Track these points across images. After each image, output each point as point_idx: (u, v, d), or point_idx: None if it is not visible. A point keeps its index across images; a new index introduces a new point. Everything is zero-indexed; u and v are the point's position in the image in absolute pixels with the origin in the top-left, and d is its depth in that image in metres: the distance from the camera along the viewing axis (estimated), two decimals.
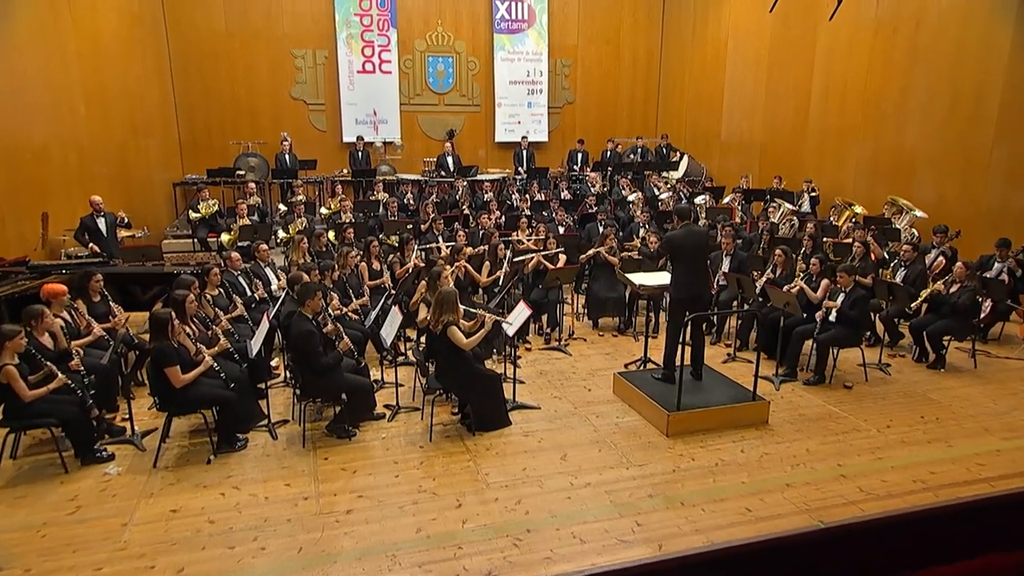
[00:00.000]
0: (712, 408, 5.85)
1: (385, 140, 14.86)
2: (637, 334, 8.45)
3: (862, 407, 6.35)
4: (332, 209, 11.39)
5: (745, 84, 14.69)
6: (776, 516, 4.55)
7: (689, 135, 16.35)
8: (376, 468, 5.17)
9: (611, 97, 16.94)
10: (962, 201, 10.51)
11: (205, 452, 5.39)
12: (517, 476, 5.05)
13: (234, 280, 7.31)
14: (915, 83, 11.18)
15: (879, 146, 11.92)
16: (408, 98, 15.25)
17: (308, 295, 5.43)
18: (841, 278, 6.91)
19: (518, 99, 15.99)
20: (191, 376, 5.17)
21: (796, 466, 5.24)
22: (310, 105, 14.61)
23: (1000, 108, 9.95)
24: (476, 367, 5.75)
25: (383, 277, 8.06)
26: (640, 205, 12.15)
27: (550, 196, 12.74)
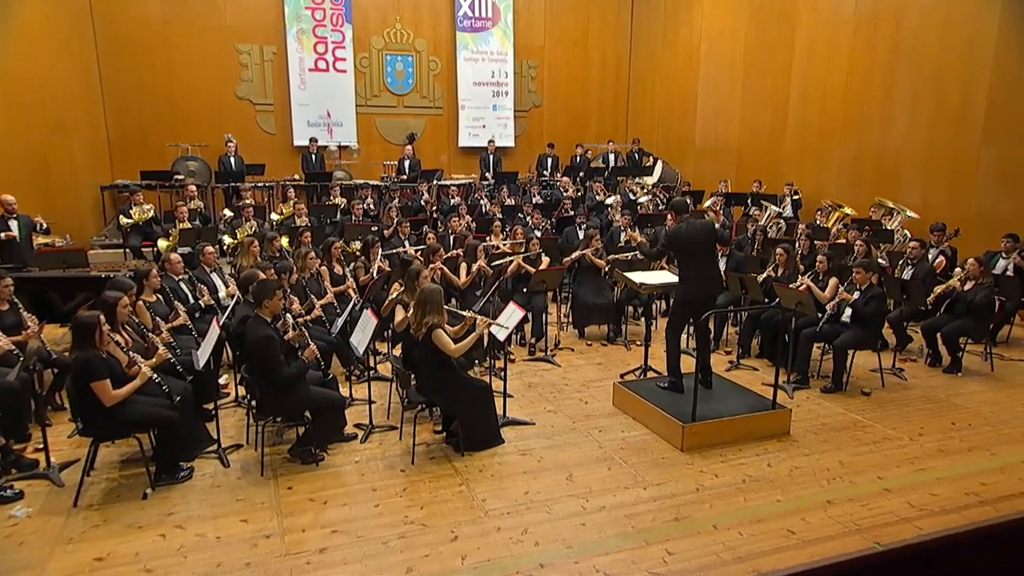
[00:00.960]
0: (729, 418, 5.39)
1: (340, 144, 14.21)
2: (629, 342, 7.99)
3: (887, 414, 6.00)
4: (285, 214, 10.70)
5: (720, 87, 14.60)
6: (824, 538, 4.08)
7: (662, 140, 16.18)
8: (352, 497, 4.51)
9: (579, 101, 16.68)
10: (950, 204, 10.44)
11: (140, 485, 4.64)
12: (519, 501, 4.47)
13: (175, 286, 6.58)
14: (898, 83, 11.16)
15: (862, 148, 11.87)
16: (365, 99, 14.64)
17: (266, 294, 4.77)
18: (858, 274, 6.59)
19: (482, 101, 15.56)
20: (125, 392, 4.43)
21: (832, 480, 4.81)
22: (257, 105, 13.86)
23: (987, 106, 9.95)
24: (464, 377, 5.16)
25: (347, 282, 7.41)
26: (619, 208, 11.82)
27: (521, 201, 12.32)
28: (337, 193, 11.55)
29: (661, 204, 12.60)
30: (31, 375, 5.24)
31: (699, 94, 15.14)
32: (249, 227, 9.67)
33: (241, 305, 5.44)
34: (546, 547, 3.96)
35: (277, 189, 12.44)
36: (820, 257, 7.19)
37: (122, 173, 12.45)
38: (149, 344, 5.17)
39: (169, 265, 6.64)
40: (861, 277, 6.60)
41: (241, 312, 5.30)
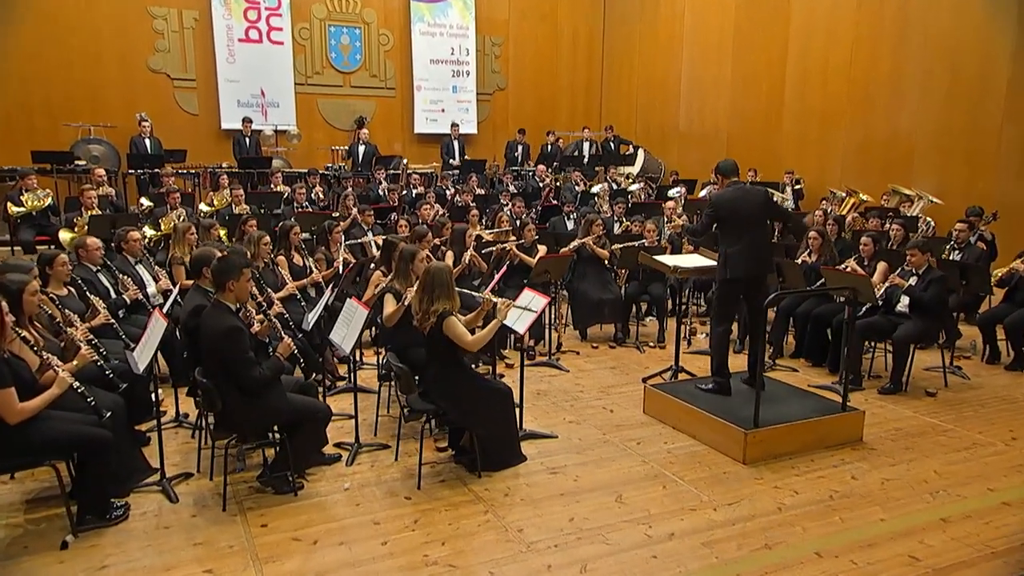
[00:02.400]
0: (796, 423, 4.91)
1: (277, 128, 13.39)
2: (641, 344, 7.48)
3: (964, 417, 5.67)
4: (217, 204, 9.88)
5: (707, 67, 14.43)
6: (958, 565, 3.61)
7: (641, 126, 15.93)
8: (349, 534, 3.82)
9: (548, 83, 16.33)
10: (969, 190, 10.34)
11: (57, 531, 3.85)
12: (565, 530, 3.87)
13: (91, 277, 5.74)
14: (908, 58, 11.11)
15: (869, 132, 11.80)
16: (305, 77, 13.91)
17: (230, 274, 4.05)
18: (913, 256, 6.26)
19: (441, 82, 15.01)
20: (36, 404, 3.64)
21: (935, 494, 4.38)
22: (176, 81, 12.93)
23: (1009, 81, 9.93)
24: (482, 379, 4.54)
25: (312, 274, 6.70)
26: (606, 197, 11.42)
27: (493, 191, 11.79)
28: (279, 180, 10.78)
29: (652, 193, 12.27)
30: None
31: (683, 75, 14.97)
32: (175, 216, 8.81)
33: (193, 292, 4.68)
34: None
35: (204, 176, 11.56)
36: (865, 239, 6.86)
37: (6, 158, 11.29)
38: (67, 342, 4.37)
39: (85, 252, 5.79)
40: (918, 259, 6.27)
41: (193, 301, 4.54)
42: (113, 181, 10.65)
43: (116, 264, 6.14)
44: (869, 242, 6.81)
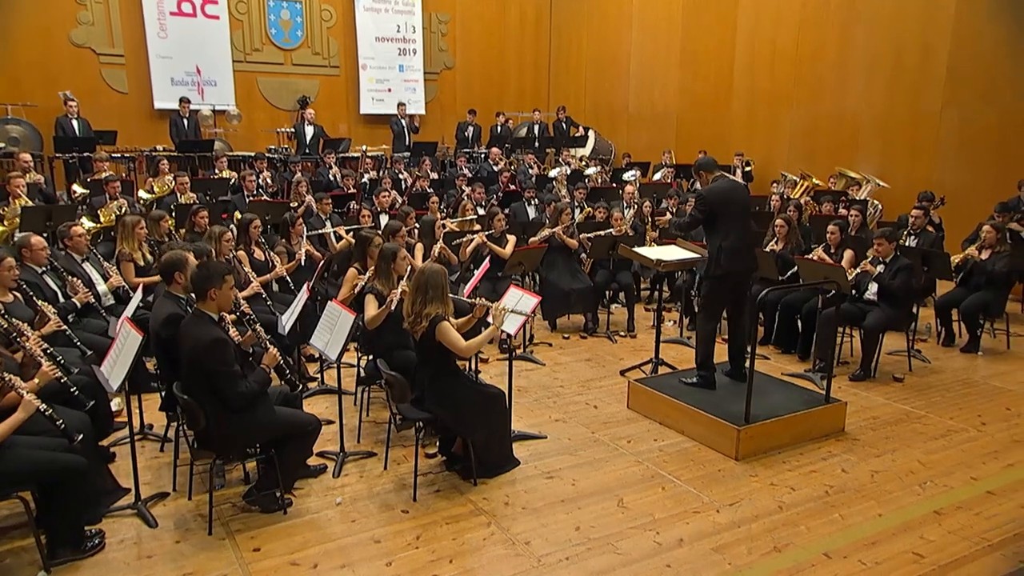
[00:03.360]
0: (785, 417, 4.95)
1: (215, 108, 12.77)
2: (612, 334, 7.45)
3: (933, 403, 5.84)
4: (161, 190, 9.36)
5: (656, 47, 14.42)
6: (961, 561, 3.69)
7: (590, 107, 15.85)
8: (350, 554, 3.65)
9: (496, 62, 16.05)
10: (910, 172, 10.69)
11: (27, 566, 3.58)
12: (573, 540, 3.79)
13: (36, 280, 5.31)
14: (854, 42, 11.30)
15: (815, 115, 12.00)
16: (244, 54, 13.26)
17: (212, 282, 3.78)
18: (880, 245, 6.36)
19: (387, 61, 14.58)
20: (3, 430, 3.34)
21: (924, 485, 4.48)
22: (102, 56, 12.10)
23: (949, 66, 10.20)
24: (475, 384, 4.40)
25: (275, 269, 6.41)
26: (564, 182, 11.34)
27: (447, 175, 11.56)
28: (224, 165, 10.29)
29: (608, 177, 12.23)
30: None
31: (632, 55, 14.92)
32: (116, 207, 8.30)
33: (163, 299, 4.37)
34: None
35: (141, 160, 10.95)
36: (831, 228, 6.94)
37: None
38: (25, 358, 4.03)
39: (29, 252, 5.34)
40: (885, 248, 6.38)
41: (165, 309, 4.23)
42: (40, 166, 9.97)
43: (62, 263, 5.73)
44: (836, 230, 6.90)
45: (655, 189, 11.03)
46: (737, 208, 5.30)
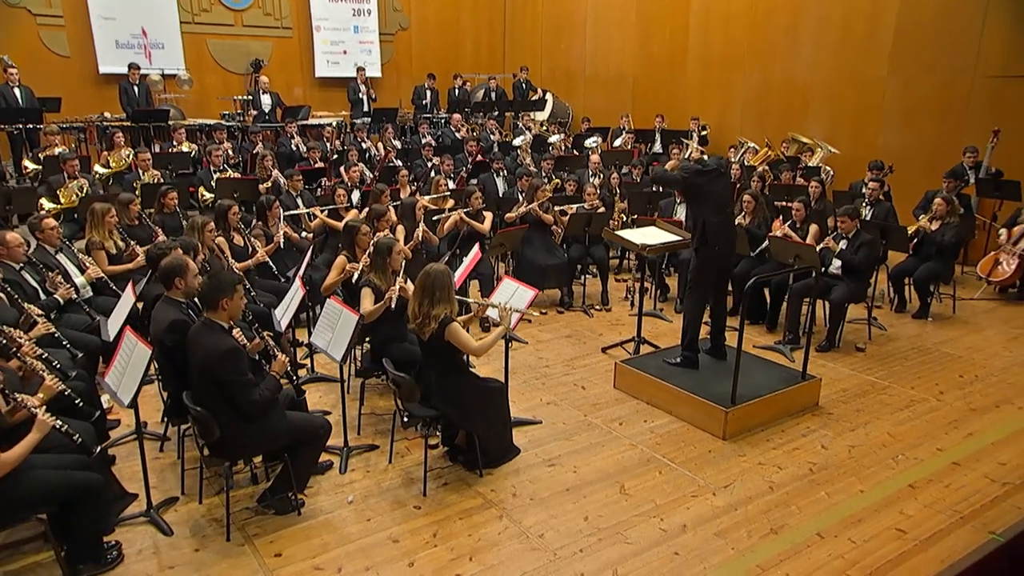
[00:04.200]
0: (768, 397, 5.14)
1: (164, 72, 12.19)
2: (588, 307, 7.55)
3: (894, 372, 6.14)
4: (117, 165, 8.98)
5: (612, 10, 14.27)
6: (939, 534, 3.94)
7: (547, 70, 15.68)
8: (371, 556, 3.69)
9: (452, 23, 15.70)
10: (856, 137, 10.96)
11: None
12: (584, 531, 3.91)
13: (16, 278, 5.10)
14: (805, 7, 11.40)
15: (767, 80, 12.13)
16: (192, 15, 12.64)
17: (224, 292, 3.69)
18: (843, 223, 6.58)
19: (342, 22, 14.09)
20: (19, 454, 3.23)
21: (896, 459, 4.74)
22: (39, 17, 11.35)
23: (895, 34, 10.41)
24: (479, 380, 4.43)
25: (256, 255, 6.27)
26: (528, 150, 11.27)
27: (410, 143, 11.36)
28: (183, 137, 9.89)
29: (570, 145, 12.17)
30: None
31: (588, 17, 14.74)
32: (76, 186, 7.94)
33: (163, 304, 4.24)
34: None
35: (91, 131, 10.43)
36: (796, 204, 7.12)
37: None
38: (26, 371, 3.89)
39: (5, 250, 5.11)
40: (847, 225, 6.59)
41: (167, 315, 4.11)
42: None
43: (37, 258, 5.50)
44: (801, 207, 7.07)
45: (617, 156, 11.05)
46: (724, 184, 5.41)
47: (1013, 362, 6.38)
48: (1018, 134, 9.01)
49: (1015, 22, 9.20)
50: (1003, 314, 7.67)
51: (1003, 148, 8.85)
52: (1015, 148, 8.92)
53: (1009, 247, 8.01)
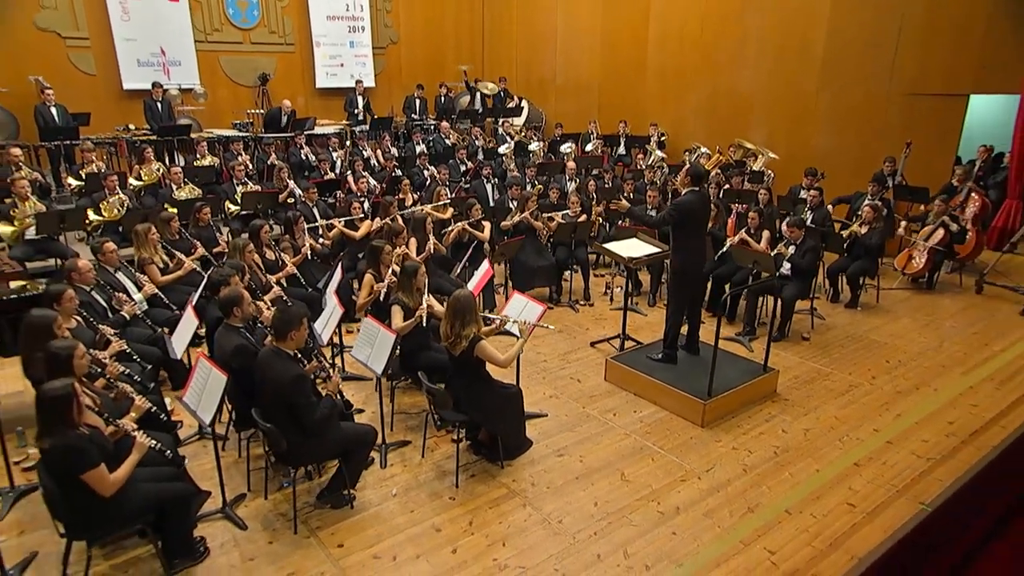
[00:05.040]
0: (738, 389, 5.37)
1: (182, 87, 11.90)
2: (575, 303, 7.72)
3: (835, 360, 6.39)
4: (149, 178, 8.82)
5: (579, 25, 14.21)
6: (881, 507, 4.23)
7: (522, 79, 15.57)
8: (420, 544, 3.85)
9: (436, 36, 15.48)
10: (792, 143, 11.18)
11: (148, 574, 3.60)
12: (594, 515, 4.11)
13: (88, 299, 5.09)
14: (747, 29, 11.52)
15: (716, 90, 12.25)
16: (205, 34, 12.30)
17: (292, 325, 3.78)
18: (792, 232, 6.81)
19: (338, 37, 13.83)
20: (125, 472, 3.32)
21: (843, 440, 5.01)
22: (67, 40, 10.98)
23: (823, 56, 10.63)
24: (501, 387, 4.57)
25: (286, 268, 6.29)
26: (512, 157, 11.27)
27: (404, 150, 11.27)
28: (205, 150, 9.72)
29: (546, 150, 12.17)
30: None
31: (558, 32, 14.65)
32: (117, 201, 7.80)
33: (224, 330, 4.28)
34: (659, 570, 3.67)
35: (121, 145, 10.18)
36: (752, 214, 7.33)
37: None
38: (117, 394, 3.93)
39: (78, 275, 5.07)
40: (795, 233, 6.83)
41: (231, 340, 4.17)
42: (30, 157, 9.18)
43: (103, 279, 5.47)
44: (756, 216, 7.29)
45: (589, 161, 11.14)
46: (701, 218, 5.53)
47: (926, 347, 6.66)
48: (927, 144, 9.34)
49: (922, 46, 9.45)
50: (916, 303, 7.95)
51: (913, 156, 9.16)
52: (924, 157, 9.25)
53: (921, 244, 8.33)
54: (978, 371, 6.13)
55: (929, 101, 9.59)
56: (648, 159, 11.35)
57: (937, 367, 6.23)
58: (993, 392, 5.73)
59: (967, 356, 6.44)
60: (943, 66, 9.32)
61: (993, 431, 5.11)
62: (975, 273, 8.40)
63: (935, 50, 9.36)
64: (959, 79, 9.24)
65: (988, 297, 8.01)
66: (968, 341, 6.78)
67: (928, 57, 9.43)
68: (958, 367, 6.22)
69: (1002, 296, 7.94)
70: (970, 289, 8.25)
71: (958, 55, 9.16)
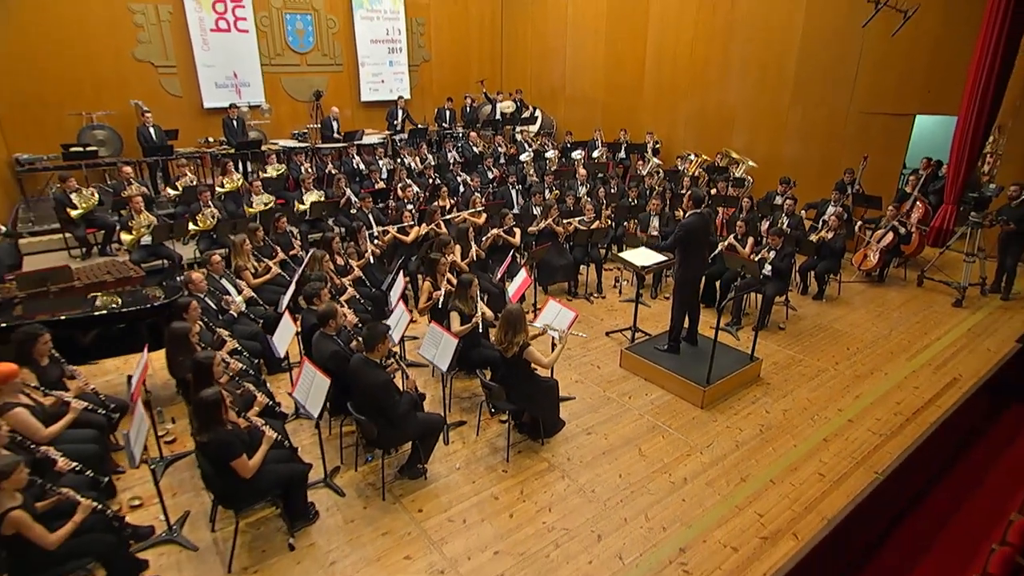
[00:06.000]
0: (731, 376, 5.59)
1: (251, 104, 11.97)
2: (591, 295, 7.92)
3: (806, 347, 6.56)
4: (231, 186, 9.00)
5: (586, 45, 14.10)
6: (844, 476, 4.49)
7: (536, 90, 15.50)
8: (483, 510, 4.16)
9: (462, 55, 15.34)
10: (768, 151, 11.24)
11: (275, 533, 3.94)
12: (620, 485, 4.41)
13: (203, 304, 5.33)
14: (732, 53, 11.47)
15: (704, 104, 12.23)
16: (269, 58, 12.28)
17: (378, 339, 4.03)
18: (772, 240, 6.96)
19: (380, 58, 13.76)
20: (259, 459, 3.63)
21: (814, 419, 5.23)
22: (159, 68, 11.07)
23: (795, 77, 10.63)
24: (543, 381, 4.82)
25: (354, 271, 6.51)
26: (532, 164, 11.34)
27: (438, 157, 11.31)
28: (274, 160, 9.86)
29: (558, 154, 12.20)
30: (108, 426, 4.14)
31: (567, 50, 14.54)
32: (211, 214, 8.00)
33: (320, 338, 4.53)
34: (673, 531, 3.97)
35: (206, 159, 10.34)
36: (740, 223, 7.48)
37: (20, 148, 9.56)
38: (244, 391, 4.21)
39: (194, 285, 5.32)
40: (775, 241, 6.99)
41: (328, 347, 4.42)
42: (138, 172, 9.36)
43: (213, 285, 5.71)
44: (743, 224, 7.44)
45: (596, 167, 11.21)
46: (701, 238, 5.67)
47: (878, 336, 6.78)
48: (879, 156, 9.43)
49: (878, 71, 9.47)
50: (870, 295, 8.01)
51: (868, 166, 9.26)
52: (876, 166, 9.36)
53: (875, 244, 8.45)
54: (920, 357, 6.29)
55: (882, 119, 9.65)
56: (646, 167, 11.41)
57: (887, 353, 6.40)
58: (931, 375, 5.91)
59: (911, 343, 6.59)
60: (894, 89, 9.39)
61: (930, 410, 5.31)
62: (917, 268, 8.52)
63: (888, 75, 9.38)
64: (907, 101, 9.32)
65: (927, 290, 8.11)
66: (911, 330, 6.92)
67: (882, 81, 9.47)
68: (903, 353, 6.39)
69: (938, 289, 8.05)
70: (913, 282, 8.34)
71: (907, 80, 9.24)
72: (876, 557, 4.13)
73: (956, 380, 5.77)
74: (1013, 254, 7.54)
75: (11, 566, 2.96)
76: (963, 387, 5.60)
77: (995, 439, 5.49)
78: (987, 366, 5.79)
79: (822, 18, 10.01)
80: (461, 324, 5.13)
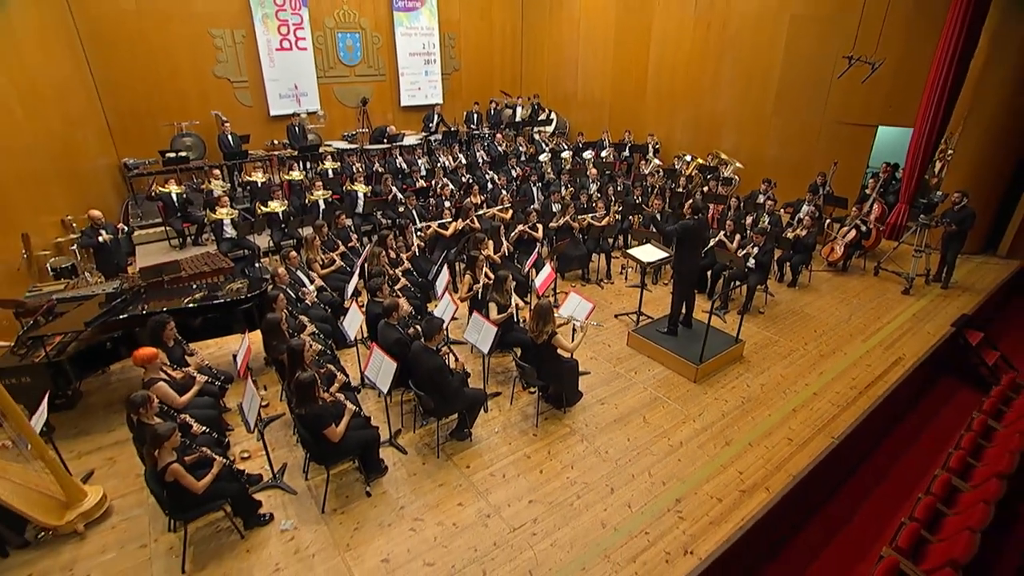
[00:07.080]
0: (720, 355, 5.74)
1: (308, 110, 12.00)
2: (601, 281, 8.03)
3: (781, 330, 6.62)
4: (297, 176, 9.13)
5: (595, 55, 13.82)
6: (807, 440, 4.65)
7: (551, 94, 15.27)
8: (519, 467, 4.43)
9: (487, 64, 15.11)
10: (753, 154, 11.08)
11: (354, 483, 4.24)
12: (629, 448, 4.64)
13: (288, 296, 5.57)
14: (723, 67, 11.21)
15: (699, 110, 12.02)
16: (323, 71, 12.23)
17: (435, 330, 4.26)
18: (757, 238, 7.00)
19: (417, 69, 13.63)
20: (343, 428, 3.91)
21: (786, 393, 5.36)
22: (234, 83, 11.11)
23: (777, 89, 10.40)
24: (567, 362, 5.03)
25: (404, 264, 6.67)
26: (550, 163, 11.30)
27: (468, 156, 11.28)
28: (329, 159, 9.95)
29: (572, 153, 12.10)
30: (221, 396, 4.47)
31: (579, 59, 14.26)
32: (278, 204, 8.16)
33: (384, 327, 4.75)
34: (671, 486, 4.22)
35: (273, 161, 10.47)
36: (729, 222, 7.51)
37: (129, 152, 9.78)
38: (326, 373, 4.47)
39: (279, 279, 5.56)
40: (758, 239, 7.03)
41: (392, 334, 4.65)
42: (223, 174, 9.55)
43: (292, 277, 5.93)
44: (732, 224, 7.47)
45: (604, 166, 11.14)
46: (696, 239, 5.76)
47: (841, 320, 6.73)
48: (846, 160, 9.33)
49: (847, 86, 9.26)
50: (835, 283, 7.95)
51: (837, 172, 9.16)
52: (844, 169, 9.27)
53: (840, 240, 8.42)
54: (873, 338, 6.32)
55: (849, 129, 9.50)
56: (648, 167, 11.34)
57: (847, 335, 6.43)
58: (882, 354, 5.96)
59: (866, 326, 6.59)
60: (861, 103, 9.23)
61: (879, 385, 5.41)
62: (875, 259, 8.49)
63: (855, 90, 9.19)
64: (871, 113, 9.17)
65: (882, 279, 8.04)
66: (867, 315, 6.89)
67: (850, 96, 9.29)
68: (859, 335, 6.41)
69: (890, 279, 7.98)
70: (870, 272, 8.28)
71: (871, 95, 9.06)
72: (828, 505, 4.37)
73: (901, 359, 5.86)
74: (953, 249, 7.56)
75: (171, 505, 3.34)
76: (906, 364, 5.70)
77: (928, 407, 5.66)
78: (926, 347, 5.88)
79: (800, 41, 9.79)
80: (499, 314, 5.31)
